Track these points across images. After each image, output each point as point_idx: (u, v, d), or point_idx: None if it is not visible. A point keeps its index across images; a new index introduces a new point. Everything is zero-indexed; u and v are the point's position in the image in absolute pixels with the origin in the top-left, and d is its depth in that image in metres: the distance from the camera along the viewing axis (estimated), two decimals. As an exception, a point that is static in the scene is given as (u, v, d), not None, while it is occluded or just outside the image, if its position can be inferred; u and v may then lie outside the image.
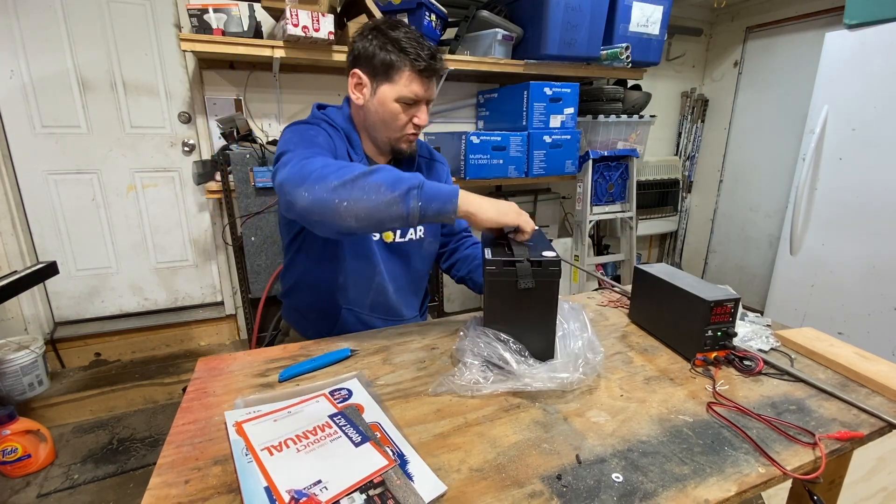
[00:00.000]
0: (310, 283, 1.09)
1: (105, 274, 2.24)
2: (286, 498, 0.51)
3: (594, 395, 0.74)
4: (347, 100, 1.05)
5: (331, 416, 0.65)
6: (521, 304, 0.76)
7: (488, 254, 0.77)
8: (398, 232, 1.08)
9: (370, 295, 1.08)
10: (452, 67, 2.07)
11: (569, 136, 2.29)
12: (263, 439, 0.60)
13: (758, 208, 3.09)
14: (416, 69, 0.94)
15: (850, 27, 2.00)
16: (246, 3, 1.78)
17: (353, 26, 1.90)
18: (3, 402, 1.77)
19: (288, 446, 0.59)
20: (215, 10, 1.71)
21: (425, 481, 0.54)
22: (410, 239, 1.10)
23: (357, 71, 0.98)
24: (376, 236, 1.05)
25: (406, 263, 1.12)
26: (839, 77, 2.04)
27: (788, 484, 0.91)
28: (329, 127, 1.01)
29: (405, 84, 0.95)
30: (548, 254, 0.75)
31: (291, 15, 1.64)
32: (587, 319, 0.83)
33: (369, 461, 0.56)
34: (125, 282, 2.28)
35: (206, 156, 2.15)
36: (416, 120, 0.99)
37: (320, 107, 1.08)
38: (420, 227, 1.11)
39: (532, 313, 0.77)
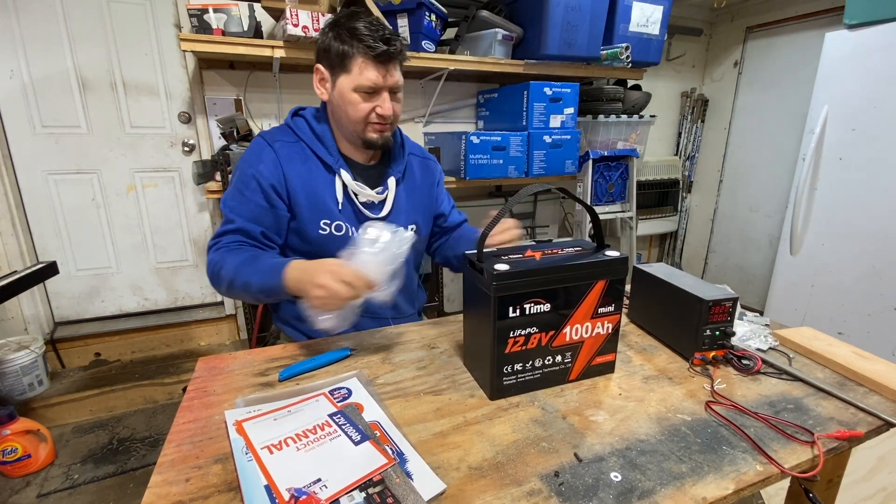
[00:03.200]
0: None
1: (105, 274, 2.24)
2: (286, 496, 0.51)
3: (593, 393, 0.74)
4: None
5: (330, 415, 0.65)
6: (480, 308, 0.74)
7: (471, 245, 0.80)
8: None
9: None
10: (452, 67, 2.07)
11: (569, 136, 2.30)
12: (263, 438, 0.60)
13: (758, 208, 3.09)
14: (369, 56, 0.90)
15: (850, 27, 2.00)
16: (246, 3, 1.78)
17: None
18: (3, 402, 1.77)
19: (288, 445, 0.59)
20: (215, 10, 1.71)
21: (424, 480, 0.55)
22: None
23: (318, 66, 0.97)
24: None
25: None
26: (839, 77, 2.04)
27: (788, 483, 0.91)
28: (285, 146, 0.99)
29: (359, 72, 0.92)
30: (500, 267, 0.68)
31: (291, 15, 1.64)
32: None
33: (369, 460, 0.57)
34: (125, 282, 2.28)
35: (206, 156, 2.15)
36: (378, 109, 0.95)
37: (295, 112, 1.05)
38: (412, 225, 1.09)
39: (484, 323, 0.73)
